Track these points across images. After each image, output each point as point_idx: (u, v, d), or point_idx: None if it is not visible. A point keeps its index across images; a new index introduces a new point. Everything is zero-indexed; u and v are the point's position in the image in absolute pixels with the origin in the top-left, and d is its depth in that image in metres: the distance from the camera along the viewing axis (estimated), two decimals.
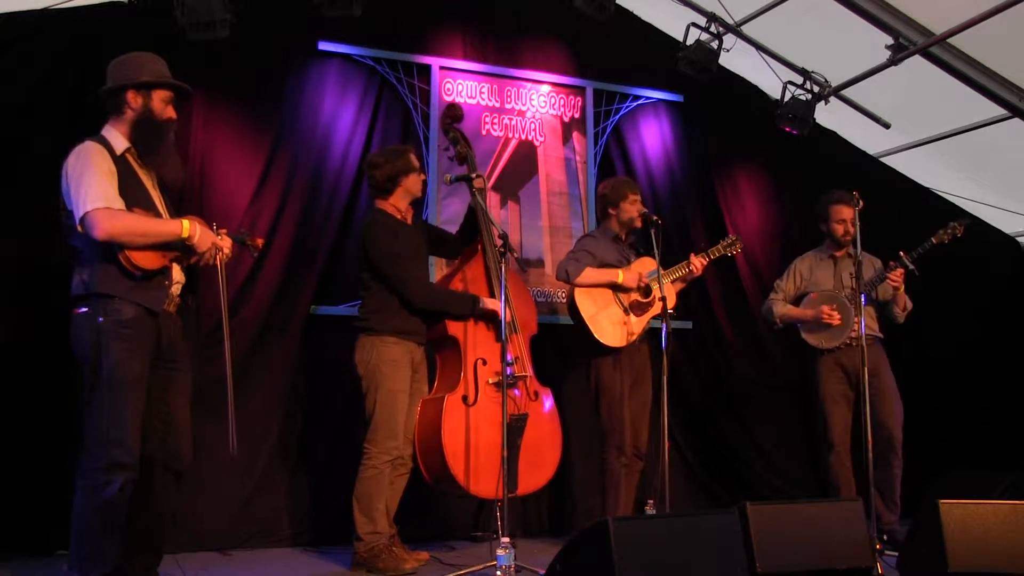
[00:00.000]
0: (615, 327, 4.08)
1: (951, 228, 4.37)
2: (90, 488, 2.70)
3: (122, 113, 2.91)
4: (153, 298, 2.82)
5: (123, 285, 2.75)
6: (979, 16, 4.44)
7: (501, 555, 3.08)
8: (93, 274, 2.76)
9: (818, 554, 2.91)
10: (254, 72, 4.60)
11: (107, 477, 2.68)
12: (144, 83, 2.91)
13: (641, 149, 5.51)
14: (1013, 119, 5.13)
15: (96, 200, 2.69)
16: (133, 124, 2.89)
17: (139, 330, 2.78)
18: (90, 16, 4.29)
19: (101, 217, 2.68)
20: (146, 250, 2.77)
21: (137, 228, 2.75)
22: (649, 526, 2.67)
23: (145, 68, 2.93)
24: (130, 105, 2.90)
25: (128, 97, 2.89)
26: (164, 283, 2.86)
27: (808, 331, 4.48)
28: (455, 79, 5.10)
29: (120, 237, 2.71)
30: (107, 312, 2.73)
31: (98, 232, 2.67)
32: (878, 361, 4.41)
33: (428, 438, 3.69)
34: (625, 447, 4.06)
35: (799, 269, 4.65)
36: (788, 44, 5.40)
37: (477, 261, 3.99)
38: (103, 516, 2.69)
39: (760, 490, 5.29)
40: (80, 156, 2.78)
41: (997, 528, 2.95)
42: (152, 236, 2.78)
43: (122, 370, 2.72)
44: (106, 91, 2.93)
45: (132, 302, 2.76)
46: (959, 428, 5.63)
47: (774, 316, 4.57)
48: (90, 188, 2.70)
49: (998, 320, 5.84)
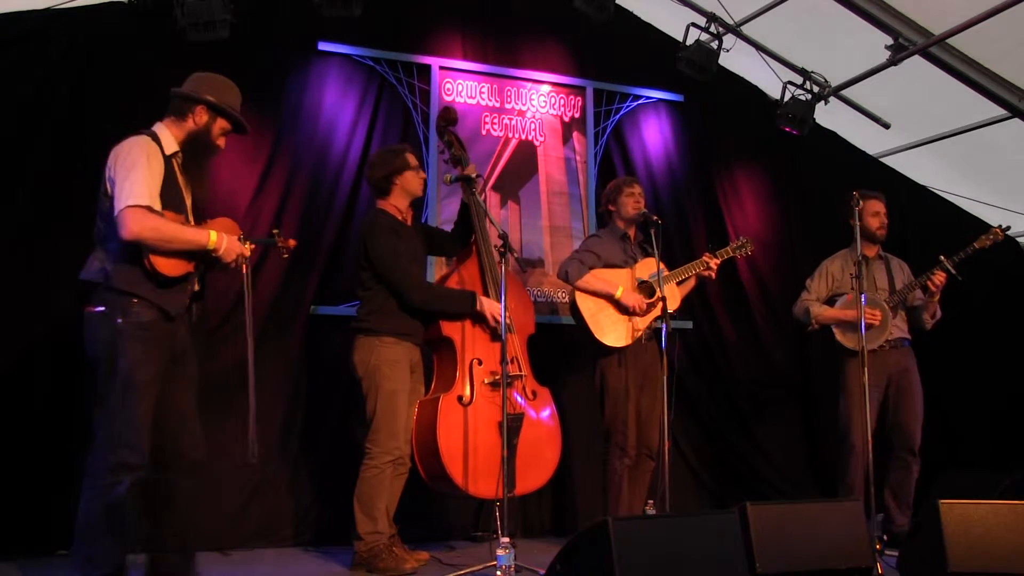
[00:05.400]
0: (617, 326, 4.06)
1: (993, 233, 4.34)
2: (98, 488, 2.69)
3: (184, 120, 2.95)
4: (172, 302, 2.83)
5: (144, 286, 2.75)
6: (978, 16, 4.44)
7: (501, 555, 3.08)
8: (116, 267, 2.75)
9: (818, 554, 2.91)
10: (254, 72, 4.59)
11: (116, 477, 2.68)
12: (218, 108, 2.98)
13: (641, 149, 5.51)
14: (1013, 119, 5.14)
15: (139, 197, 2.69)
16: (190, 135, 2.94)
17: (156, 333, 2.77)
18: (90, 16, 4.30)
19: (133, 217, 2.67)
20: (171, 257, 2.77)
21: (165, 234, 2.74)
22: (649, 526, 2.67)
23: (224, 95, 3.02)
24: (195, 118, 2.96)
25: (198, 110, 2.96)
26: (185, 288, 2.89)
27: (845, 332, 4.39)
28: (455, 79, 5.10)
29: (147, 240, 2.70)
30: (126, 314, 2.72)
31: (126, 232, 2.67)
32: (907, 364, 4.41)
33: (424, 439, 3.69)
34: (627, 447, 4.05)
35: (830, 270, 4.57)
36: (788, 44, 5.41)
37: (472, 263, 3.98)
38: (109, 516, 2.68)
39: (760, 490, 5.29)
40: (134, 148, 2.78)
41: (997, 528, 2.96)
42: (179, 243, 2.78)
43: (138, 372, 2.72)
44: (180, 94, 2.98)
45: (152, 304, 2.76)
46: (959, 428, 5.63)
47: (810, 317, 4.47)
48: (136, 183, 2.70)
49: (998, 320, 5.85)
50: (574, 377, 4.89)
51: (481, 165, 5.01)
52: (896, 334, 4.41)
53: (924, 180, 6.07)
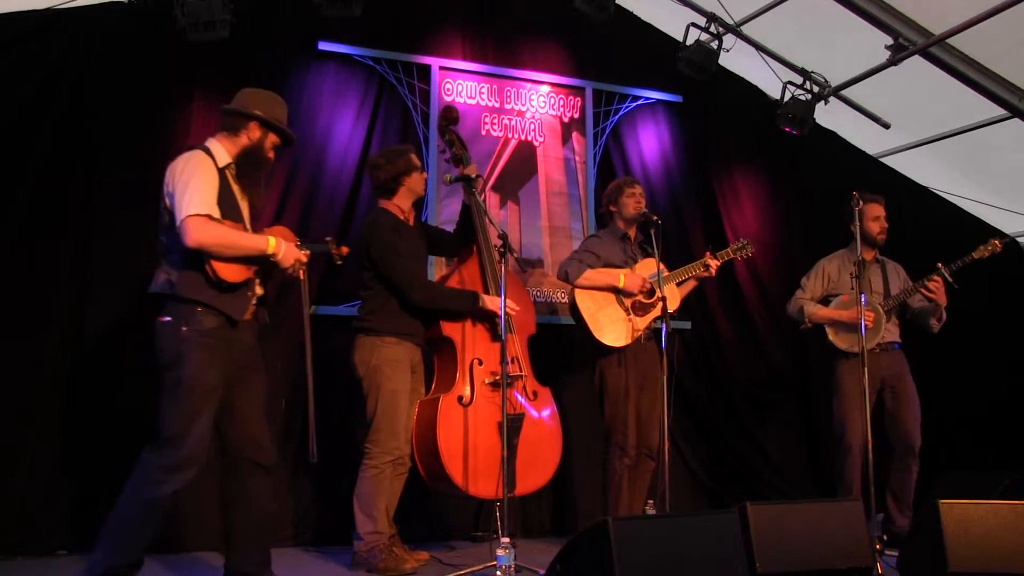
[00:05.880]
0: (617, 326, 4.06)
1: (992, 244, 4.33)
2: (145, 481, 2.78)
3: (237, 135, 3.06)
4: (235, 308, 2.93)
5: (207, 292, 2.86)
6: (978, 16, 4.44)
7: (501, 555, 3.08)
8: (180, 277, 2.86)
9: (818, 554, 2.91)
10: (254, 72, 4.58)
11: (165, 476, 2.78)
12: (270, 123, 3.10)
13: (640, 149, 5.51)
14: (1013, 119, 5.14)
15: (199, 206, 2.80)
16: (244, 151, 3.05)
17: (219, 340, 2.88)
18: (90, 16, 4.30)
19: (195, 225, 2.77)
20: (231, 263, 2.87)
21: (226, 240, 2.85)
22: (649, 526, 2.67)
23: (274, 110, 3.14)
24: (248, 134, 3.07)
25: (251, 126, 3.07)
26: (247, 294, 2.98)
27: (838, 333, 4.40)
28: (455, 79, 5.10)
29: (209, 247, 2.81)
30: (190, 322, 2.84)
31: (189, 240, 2.77)
32: (900, 368, 4.41)
33: (425, 439, 3.69)
34: (627, 447, 4.05)
35: (827, 270, 4.56)
36: (788, 44, 5.41)
37: (473, 262, 3.98)
38: (145, 511, 2.79)
39: (760, 490, 5.29)
40: (190, 162, 2.90)
41: (997, 528, 2.96)
42: (239, 249, 2.89)
43: (200, 377, 2.83)
44: (232, 111, 3.08)
45: (214, 311, 2.87)
46: (959, 429, 5.63)
47: (804, 315, 4.46)
48: (194, 194, 2.81)
49: (998, 320, 5.84)
50: (574, 377, 4.88)
51: (481, 165, 5.01)
52: (888, 338, 4.41)
53: (924, 180, 6.07)
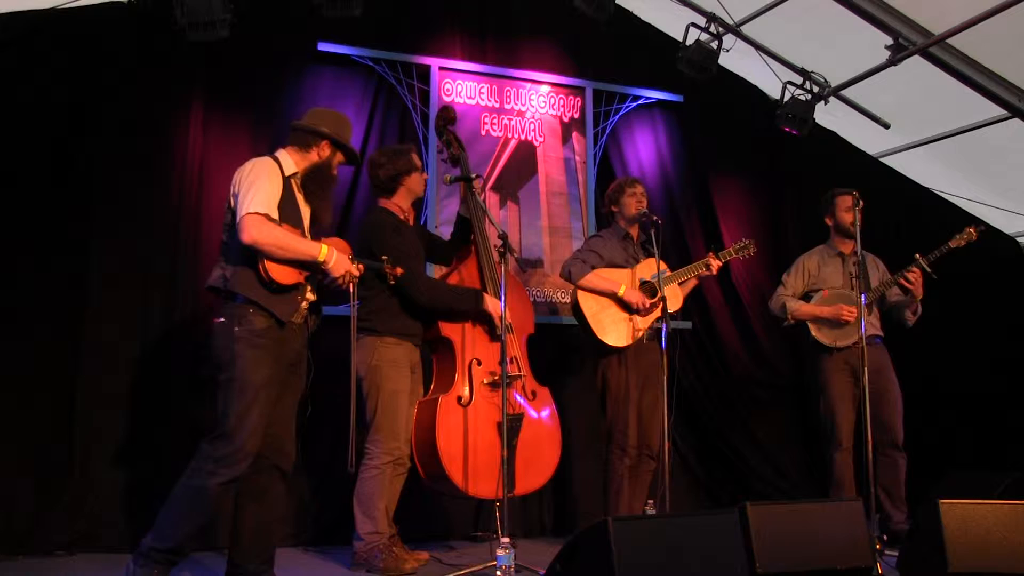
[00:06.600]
0: (618, 326, 4.06)
1: (967, 233, 4.32)
2: (196, 470, 2.90)
3: (308, 151, 3.20)
4: (284, 310, 3.02)
5: (258, 291, 2.97)
6: (979, 16, 4.45)
7: (501, 555, 3.08)
8: (236, 274, 2.98)
9: (818, 554, 2.90)
10: (254, 72, 4.60)
11: (215, 467, 2.88)
12: (340, 144, 3.25)
13: (640, 149, 5.51)
14: (1013, 119, 5.14)
15: (259, 205, 2.93)
16: (314, 166, 3.19)
17: (270, 340, 2.99)
18: (90, 16, 4.30)
19: (253, 223, 2.90)
20: (284, 264, 2.98)
21: (280, 242, 2.95)
22: (649, 526, 2.66)
23: (343, 130, 3.29)
24: (320, 151, 3.21)
25: (323, 144, 3.21)
26: (297, 297, 3.07)
27: (820, 328, 4.42)
28: (454, 79, 5.10)
29: (263, 246, 2.91)
30: (242, 323, 2.96)
31: (245, 236, 2.89)
32: (882, 361, 4.40)
33: (424, 439, 3.69)
34: (628, 447, 4.05)
35: (807, 266, 4.58)
36: (788, 44, 5.41)
37: (471, 263, 3.98)
38: (191, 498, 2.88)
39: (760, 490, 5.29)
40: (256, 166, 3.05)
41: (997, 528, 2.95)
42: (292, 252, 2.98)
43: (251, 375, 2.94)
44: (304, 128, 3.21)
45: (265, 312, 2.97)
46: (959, 428, 5.62)
47: (786, 312, 4.48)
48: (257, 193, 2.95)
49: (998, 320, 5.84)
50: (574, 377, 4.89)
51: (480, 165, 5.01)
52: (869, 331, 4.40)
53: (924, 180, 6.07)
